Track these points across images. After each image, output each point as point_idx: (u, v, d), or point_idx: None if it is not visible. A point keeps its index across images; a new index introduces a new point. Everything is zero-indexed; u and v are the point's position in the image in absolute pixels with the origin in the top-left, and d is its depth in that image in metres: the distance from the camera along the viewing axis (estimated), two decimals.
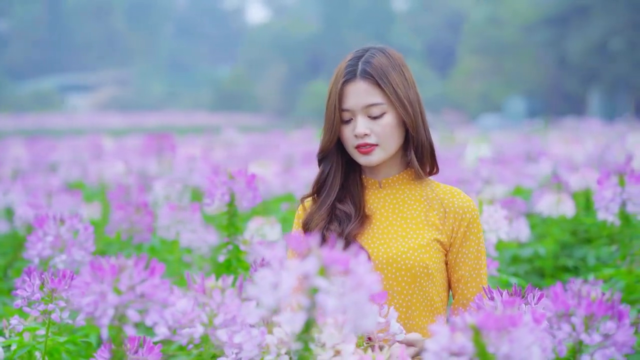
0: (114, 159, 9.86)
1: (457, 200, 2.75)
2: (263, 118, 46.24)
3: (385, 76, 2.68)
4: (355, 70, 2.70)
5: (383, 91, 2.67)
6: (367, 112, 2.69)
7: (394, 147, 2.73)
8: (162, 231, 5.10)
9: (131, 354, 2.20)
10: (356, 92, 2.69)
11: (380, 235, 2.73)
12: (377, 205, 2.78)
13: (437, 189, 2.78)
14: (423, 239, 2.69)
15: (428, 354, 1.80)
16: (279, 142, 14.98)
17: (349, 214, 2.74)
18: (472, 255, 2.73)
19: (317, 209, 2.78)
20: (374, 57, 2.71)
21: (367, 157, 2.71)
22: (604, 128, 20.99)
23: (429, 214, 2.73)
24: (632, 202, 3.83)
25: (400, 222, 2.74)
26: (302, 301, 1.67)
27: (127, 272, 1.90)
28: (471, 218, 2.73)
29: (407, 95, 2.69)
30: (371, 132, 2.68)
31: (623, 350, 1.93)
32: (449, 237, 2.72)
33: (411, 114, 2.69)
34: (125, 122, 35.83)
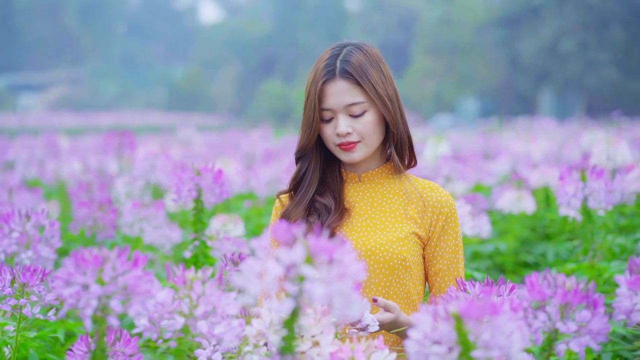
0: (71, 157, 9.78)
1: (435, 194, 2.77)
2: (218, 118, 46.10)
3: (365, 74, 2.68)
4: (335, 69, 2.70)
5: (363, 90, 2.68)
6: (348, 111, 2.70)
7: (376, 143, 2.75)
8: (126, 228, 5.08)
9: (109, 346, 2.20)
10: (336, 92, 2.69)
11: (359, 227, 2.75)
12: (357, 198, 2.80)
13: (416, 183, 2.81)
14: (401, 232, 2.71)
15: (411, 342, 1.82)
16: (239, 140, 14.95)
17: (329, 206, 2.76)
18: (450, 249, 2.76)
19: (294, 205, 2.80)
20: (352, 55, 2.71)
21: (350, 154, 2.73)
22: (557, 127, 21.22)
23: (408, 208, 2.75)
24: (594, 198, 3.89)
25: (379, 215, 2.76)
26: (290, 289, 1.69)
27: (110, 263, 1.90)
28: (449, 212, 2.76)
29: (387, 92, 2.71)
30: (353, 130, 2.70)
31: (598, 339, 1.96)
32: (427, 231, 2.74)
33: (391, 110, 2.71)
34: (78, 122, 35.52)
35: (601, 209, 3.91)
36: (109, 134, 7.37)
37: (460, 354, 1.80)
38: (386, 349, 2.03)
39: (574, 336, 1.97)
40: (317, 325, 2.07)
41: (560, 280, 2.02)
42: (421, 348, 1.83)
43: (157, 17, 75.23)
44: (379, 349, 2.04)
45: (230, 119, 45.67)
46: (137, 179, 6.17)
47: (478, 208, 5.46)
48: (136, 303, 1.90)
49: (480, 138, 14.29)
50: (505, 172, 8.04)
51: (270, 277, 1.68)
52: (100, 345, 1.93)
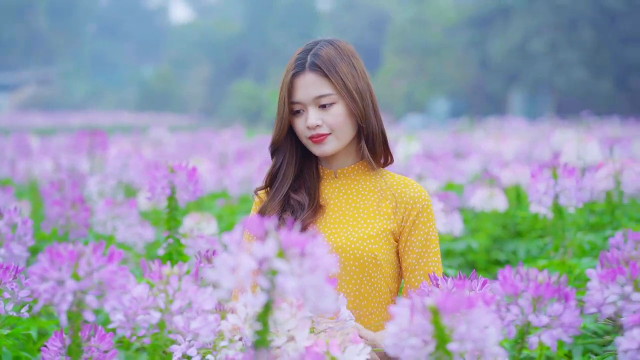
0: (42, 157, 9.73)
1: (409, 190, 2.78)
2: (189, 118, 45.96)
3: (333, 67, 2.71)
4: (305, 62, 2.73)
5: (331, 82, 2.71)
6: (317, 103, 2.72)
7: (347, 136, 2.76)
8: (98, 227, 5.07)
9: (84, 341, 2.20)
10: (305, 85, 2.72)
11: (331, 224, 2.76)
12: (332, 195, 2.82)
13: (391, 180, 2.82)
14: (373, 229, 2.72)
15: (388, 335, 1.84)
16: (211, 140, 14.94)
17: (302, 203, 2.77)
18: (420, 243, 2.75)
19: (269, 200, 2.81)
20: (322, 49, 2.75)
21: (321, 147, 2.75)
22: (528, 127, 21.38)
23: (381, 204, 2.76)
24: (565, 195, 3.93)
25: (352, 212, 2.77)
26: (262, 283, 1.70)
27: (85, 259, 1.91)
28: (422, 207, 2.76)
29: (356, 86, 2.73)
30: (323, 122, 2.72)
31: (569, 331, 1.98)
32: (399, 227, 2.75)
33: (360, 104, 2.73)
34: (48, 122, 35.29)
35: (572, 206, 3.95)
36: (80, 133, 7.34)
37: (436, 346, 1.82)
38: (361, 343, 2.05)
39: (545, 329, 1.99)
40: (293, 320, 2.08)
41: (533, 274, 2.05)
42: (398, 341, 1.85)
43: (128, 17, 74.89)
44: (354, 342, 2.06)
45: (202, 119, 45.55)
46: (110, 177, 6.15)
47: (450, 206, 5.50)
48: (112, 298, 1.91)
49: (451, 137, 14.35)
50: (476, 171, 8.09)
51: (243, 271, 1.69)
52: (75, 340, 1.93)
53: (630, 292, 2.02)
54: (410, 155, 6.80)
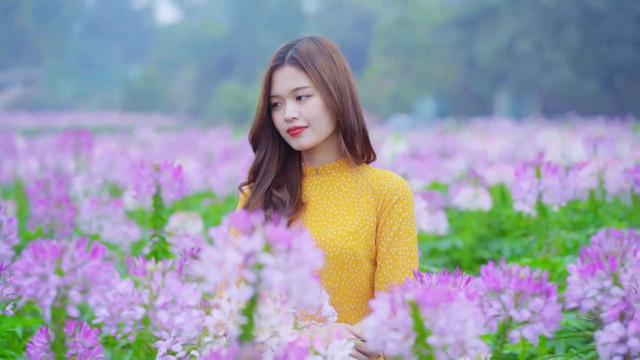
0: (28, 157, 9.72)
1: (388, 182, 2.79)
2: (176, 118, 45.89)
3: (311, 60, 2.75)
4: (284, 57, 2.78)
5: (308, 75, 2.74)
6: (294, 95, 2.76)
7: (324, 130, 2.78)
8: (84, 226, 5.07)
9: (68, 337, 2.21)
10: (283, 78, 2.76)
11: (312, 221, 2.78)
12: (313, 192, 2.83)
13: (372, 174, 2.83)
14: (352, 226, 2.74)
15: (368, 329, 1.86)
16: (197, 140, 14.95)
17: (284, 200, 2.79)
18: (392, 232, 2.74)
19: (252, 194, 2.84)
20: (302, 44, 2.79)
21: (298, 140, 2.77)
22: (513, 127, 21.45)
23: (361, 200, 2.77)
24: (548, 194, 3.96)
25: (332, 208, 2.79)
26: (248, 277, 1.71)
27: (69, 254, 1.92)
28: (399, 197, 2.76)
29: (334, 80, 2.76)
30: (300, 115, 2.75)
31: (551, 326, 2.00)
32: (378, 218, 2.76)
33: (336, 98, 2.75)
34: (34, 122, 35.18)
35: (555, 204, 3.98)
36: (66, 132, 7.34)
37: (416, 340, 1.84)
38: (344, 338, 2.07)
39: (527, 324, 2.01)
40: (277, 315, 2.10)
41: (515, 269, 2.07)
42: (378, 334, 1.87)
43: (114, 17, 74.73)
44: (337, 338, 2.08)
45: (188, 120, 45.50)
46: (95, 177, 6.15)
47: (435, 205, 5.52)
48: (95, 293, 1.92)
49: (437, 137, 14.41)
50: (462, 171, 8.13)
51: (229, 265, 1.71)
52: (59, 336, 1.94)
53: (610, 286, 2.05)
54: (397, 155, 6.81)
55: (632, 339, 1.89)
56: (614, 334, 1.92)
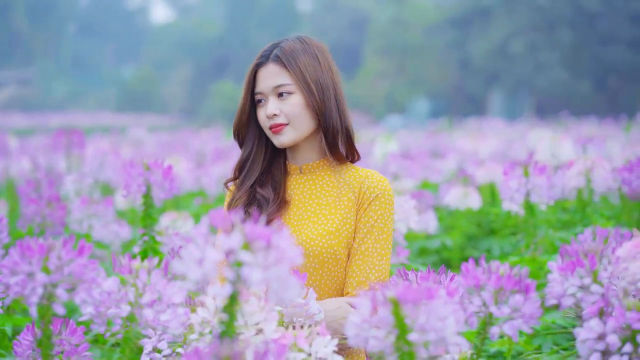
0: (20, 156, 9.72)
1: (367, 180, 2.81)
2: (170, 118, 45.84)
3: (294, 59, 2.78)
4: (269, 55, 2.82)
5: (290, 73, 2.77)
6: (276, 92, 2.79)
7: (305, 128, 2.80)
8: (75, 225, 5.09)
9: (55, 335, 2.23)
10: (266, 75, 2.80)
11: (293, 220, 2.80)
12: (297, 191, 2.86)
13: (354, 174, 2.85)
14: (332, 225, 2.76)
15: (349, 326, 1.88)
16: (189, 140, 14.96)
17: (267, 198, 2.81)
18: (365, 228, 2.76)
19: (236, 190, 2.87)
20: (287, 42, 2.83)
21: (278, 137, 2.80)
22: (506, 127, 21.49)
23: (343, 198, 2.79)
24: (536, 193, 3.99)
25: (314, 207, 2.81)
26: (228, 275, 1.74)
27: (55, 252, 1.94)
28: (377, 195, 2.78)
29: (317, 79, 2.78)
30: (280, 112, 2.78)
31: (530, 322, 2.03)
32: (356, 214, 2.78)
33: (317, 97, 2.77)
34: (28, 122, 35.13)
35: (543, 203, 4.02)
36: (58, 132, 7.36)
37: (397, 337, 1.87)
38: (328, 336, 2.09)
39: (507, 320, 2.04)
40: (261, 313, 2.12)
41: (495, 266, 2.10)
42: (360, 331, 1.89)
43: (108, 17, 74.61)
44: (321, 335, 2.10)
45: (182, 120, 45.46)
46: (87, 176, 6.17)
47: (425, 204, 5.56)
48: (82, 291, 1.94)
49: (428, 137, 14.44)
50: (453, 170, 8.16)
51: (209, 263, 1.74)
52: (45, 333, 1.97)
53: (589, 283, 2.08)
54: (387, 154, 6.85)
55: (610, 335, 1.92)
56: (592, 330, 1.94)
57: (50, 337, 1.99)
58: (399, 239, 4.22)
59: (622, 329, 1.92)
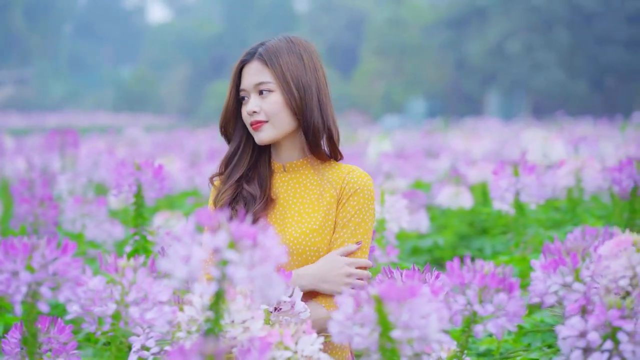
0: (16, 156, 9.73)
1: (347, 176, 2.82)
2: (167, 118, 45.82)
3: (276, 57, 2.80)
4: (254, 53, 2.84)
5: (271, 71, 2.79)
6: (257, 90, 2.81)
7: (284, 126, 2.81)
8: (68, 224, 5.10)
9: (42, 332, 2.24)
10: (249, 72, 2.83)
11: (278, 218, 2.82)
12: (281, 189, 2.87)
13: (336, 170, 2.86)
14: (315, 223, 2.78)
15: (333, 323, 1.90)
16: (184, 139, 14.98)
17: (254, 195, 2.83)
18: (341, 222, 2.77)
19: (222, 184, 2.88)
20: (273, 41, 2.86)
21: (258, 134, 2.82)
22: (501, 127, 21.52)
23: (324, 196, 2.81)
24: (525, 192, 4.01)
25: (297, 206, 2.83)
26: (213, 273, 1.75)
27: (39, 251, 1.95)
28: (355, 190, 2.79)
29: (298, 79, 2.80)
30: (260, 109, 2.80)
31: (514, 320, 2.04)
32: (337, 209, 2.80)
33: (296, 96, 2.79)
34: (25, 122, 35.11)
35: (533, 202, 4.04)
36: (52, 132, 7.37)
37: (381, 334, 1.89)
38: (314, 334, 2.11)
39: (491, 318, 2.05)
40: (248, 311, 2.13)
41: (479, 265, 2.11)
42: (343, 329, 1.91)
43: (105, 17, 74.57)
44: (307, 333, 2.11)
45: (180, 120, 45.46)
46: (80, 176, 6.18)
47: (417, 204, 5.57)
48: (66, 289, 1.96)
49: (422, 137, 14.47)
50: (446, 170, 8.18)
51: (195, 261, 1.75)
52: (31, 331, 1.98)
53: (572, 281, 2.09)
54: (381, 153, 6.87)
55: (591, 332, 1.94)
56: (574, 328, 1.96)
57: (35, 335, 2.00)
58: (390, 239, 4.23)
59: (603, 327, 1.94)
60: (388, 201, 4.19)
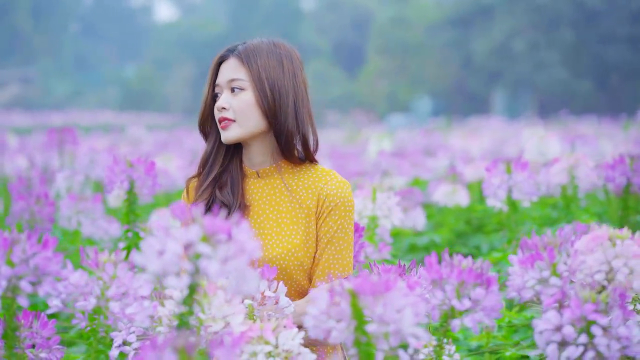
0: (17, 154, 9.77)
1: (329, 185, 2.78)
2: (171, 117, 45.85)
3: (254, 57, 2.78)
4: (233, 50, 2.84)
5: (246, 69, 2.78)
6: (230, 86, 2.80)
7: (252, 127, 2.77)
8: (64, 221, 5.11)
9: (25, 327, 2.26)
10: (225, 68, 2.82)
11: (256, 231, 2.77)
12: (255, 196, 2.83)
13: (315, 174, 2.82)
14: (297, 236, 2.75)
15: (308, 318, 1.91)
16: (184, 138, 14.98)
17: (228, 203, 2.79)
18: (325, 237, 2.75)
19: (199, 185, 2.87)
20: (254, 41, 2.85)
21: (225, 133, 2.79)
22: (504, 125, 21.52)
23: (302, 206, 2.78)
24: (518, 189, 4.02)
25: (275, 216, 2.79)
26: (186, 267, 1.77)
27: (20, 245, 1.97)
28: (335, 205, 2.76)
29: (274, 81, 2.77)
30: (230, 106, 2.78)
31: (491, 315, 2.05)
32: (317, 220, 2.78)
33: (270, 99, 2.75)
34: (29, 121, 35.12)
35: (525, 200, 4.05)
36: (51, 130, 7.39)
37: (356, 328, 1.90)
38: (295, 328, 2.12)
39: (468, 313, 2.06)
40: (229, 306, 2.14)
41: (457, 260, 2.12)
42: (318, 323, 1.92)
43: (111, 16, 74.63)
44: (288, 328, 2.13)
45: (184, 118, 45.51)
46: (78, 173, 6.20)
47: (414, 201, 5.58)
48: (46, 284, 1.97)
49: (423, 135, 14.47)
50: (445, 168, 8.19)
51: (169, 255, 1.76)
52: (10, 325, 2.00)
53: (548, 276, 2.10)
54: (379, 151, 6.89)
55: (566, 326, 1.95)
56: (550, 322, 1.97)
57: (15, 330, 2.02)
58: (384, 235, 4.24)
59: (579, 321, 1.95)
60: (379, 198, 4.20)
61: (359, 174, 6.64)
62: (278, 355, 2.07)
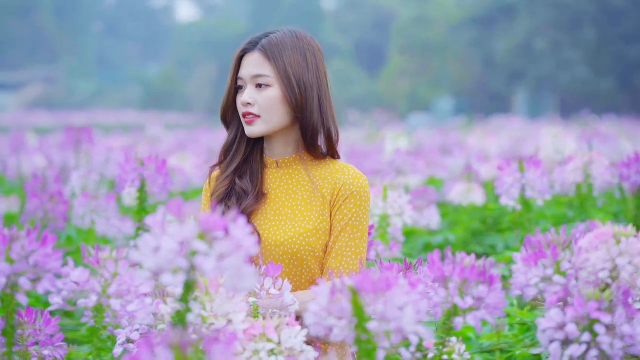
0: (36, 153, 9.80)
1: (343, 176, 2.80)
2: (193, 116, 45.97)
3: (279, 52, 2.77)
4: (256, 43, 2.81)
5: (272, 65, 2.76)
6: (255, 82, 2.78)
7: (277, 122, 2.79)
8: (77, 220, 5.11)
9: (29, 324, 2.26)
10: (249, 63, 2.80)
11: (271, 217, 2.80)
12: (274, 185, 2.85)
13: (331, 168, 2.83)
14: (310, 222, 2.76)
15: (308, 315, 1.90)
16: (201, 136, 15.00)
17: (246, 190, 2.82)
18: (339, 225, 2.76)
19: (220, 174, 2.88)
20: (278, 34, 2.82)
21: (249, 128, 2.80)
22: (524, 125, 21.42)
23: (317, 195, 2.79)
24: (531, 187, 3.99)
25: (291, 203, 2.81)
26: (182, 264, 1.75)
27: (19, 242, 1.97)
28: (351, 193, 2.77)
29: (300, 76, 2.77)
30: (255, 102, 2.77)
31: (495, 313, 2.03)
32: (332, 209, 2.79)
33: (297, 93, 2.76)
34: (52, 121, 35.28)
35: (538, 198, 4.01)
36: (68, 129, 7.41)
37: (356, 325, 1.88)
38: (298, 326, 2.10)
39: (471, 311, 2.04)
40: (231, 304, 2.13)
41: (460, 258, 2.10)
42: (319, 320, 1.91)
43: (133, 16, 74.92)
44: (290, 325, 2.11)
45: (205, 118, 45.60)
46: (93, 172, 6.20)
47: (428, 200, 5.56)
48: (46, 281, 1.97)
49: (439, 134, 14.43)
50: (461, 167, 8.17)
51: (165, 252, 1.75)
52: (10, 322, 1.99)
53: (552, 274, 2.08)
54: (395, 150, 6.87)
55: (569, 324, 1.92)
56: (553, 320, 1.95)
57: (14, 327, 2.02)
58: (396, 234, 4.22)
59: (582, 319, 1.92)
60: (391, 197, 4.18)
61: (374, 172, 6.62)
62: (281, 353, 2.07)
